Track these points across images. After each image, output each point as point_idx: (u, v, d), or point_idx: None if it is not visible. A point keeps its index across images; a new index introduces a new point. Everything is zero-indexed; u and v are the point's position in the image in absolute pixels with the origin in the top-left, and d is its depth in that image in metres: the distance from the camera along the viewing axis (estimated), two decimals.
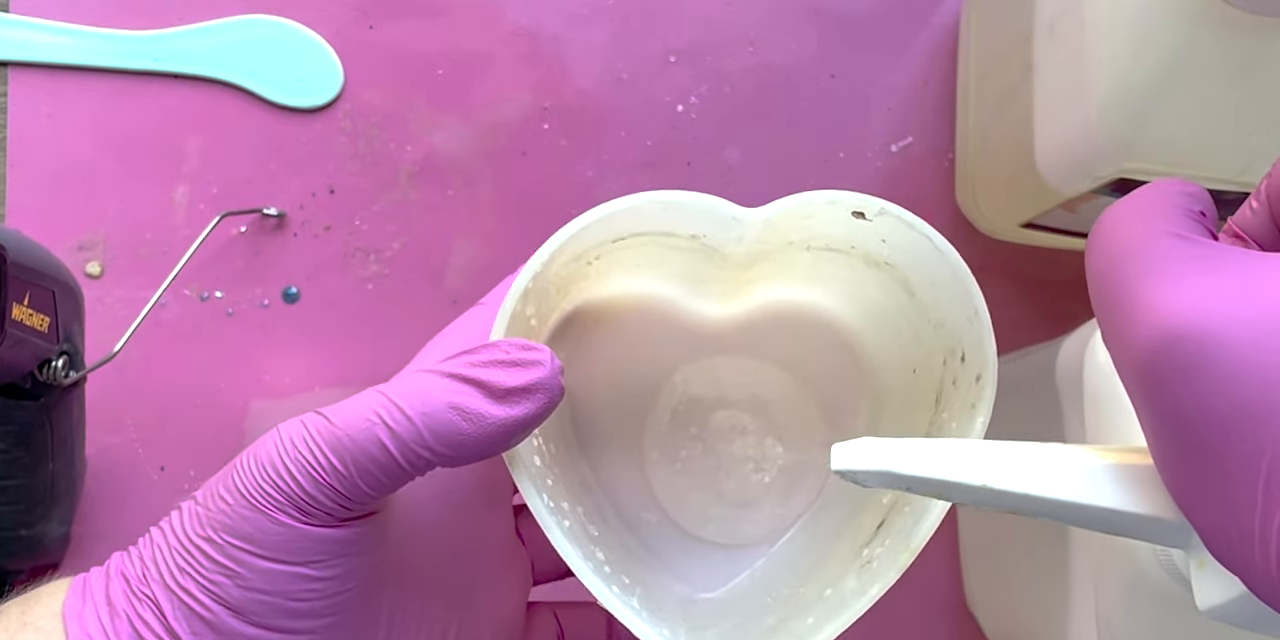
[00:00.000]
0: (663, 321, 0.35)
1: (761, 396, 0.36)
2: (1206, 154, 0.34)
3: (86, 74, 0.50)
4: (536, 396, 0.27)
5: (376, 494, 0.28)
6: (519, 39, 0.50)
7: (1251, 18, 0.30)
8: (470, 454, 0.28)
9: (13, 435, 0.42)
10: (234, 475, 0.28)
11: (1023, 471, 0.23)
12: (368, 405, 0.28)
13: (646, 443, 0.36)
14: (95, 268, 0.49)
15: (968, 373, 0.31)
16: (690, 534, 0.36)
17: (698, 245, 0.32)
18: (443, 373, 0.28)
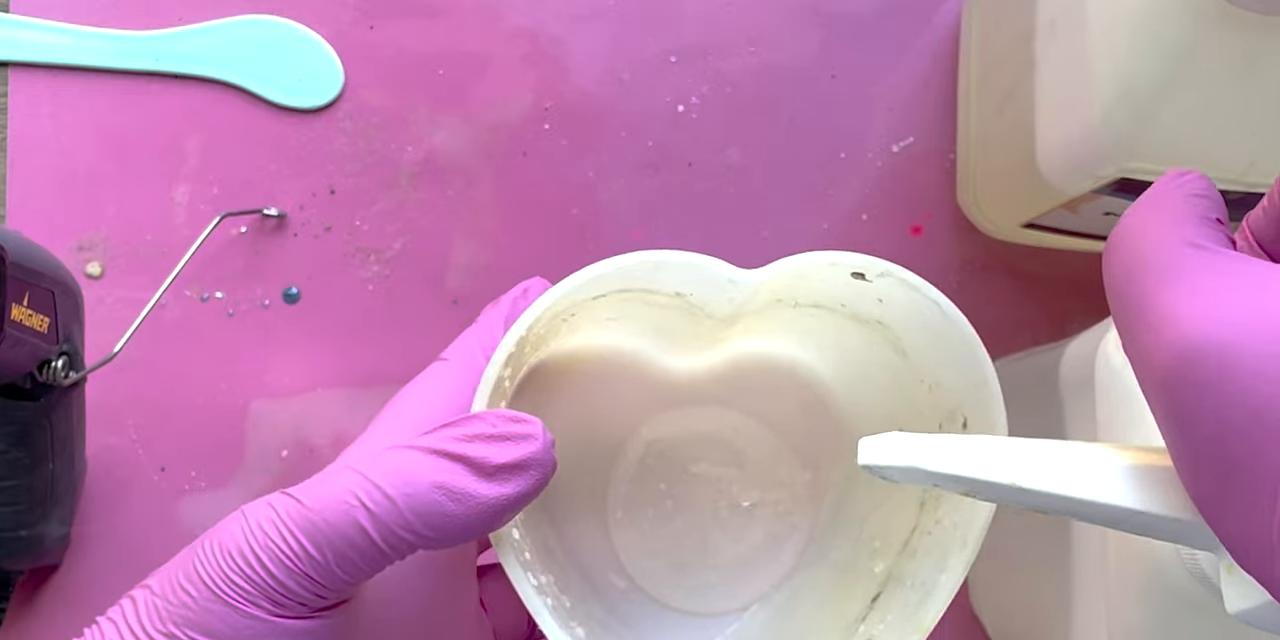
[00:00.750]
0: (629, 373, 0.34)
1: (735, 447, 0.34)
2: (1209, 153, 0.34)
3: (87, 74, 0.50)
4: (529, 473, 0.26)
5: (354, 581, 0.26)
6: (519, 39, 0.50)
7: (1255, 16, 0.30)
8: (456, 536, 0.26)
9: (13, 436, 0.42)
10: (196, 563, 0.26)
11: (1054, 471, 0.23)
12: (343, 486, 0.26)
13: (611, 501, 0.34)
14: (95, 268, 0.49)
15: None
16: (658, 602, 0.34)
17: (680, 303, 0.31)
18: (425, 448, 0.26)
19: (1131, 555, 0.33)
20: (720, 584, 0.34)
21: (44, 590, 0.48)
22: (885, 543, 0.33)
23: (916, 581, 0.30)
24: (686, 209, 0.50)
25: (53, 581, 0.48)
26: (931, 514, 0.31)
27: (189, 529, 0.48)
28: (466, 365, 0.30)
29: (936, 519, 0.31)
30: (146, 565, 0.48)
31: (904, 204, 0.50)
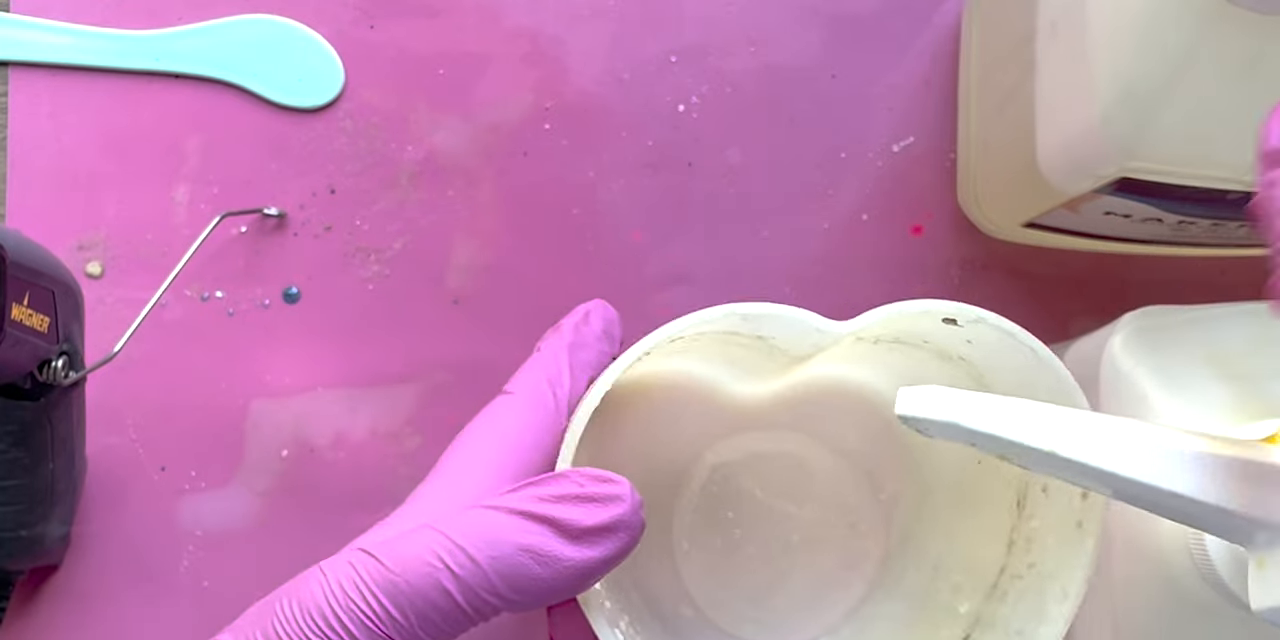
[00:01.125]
0: (695, 398, 0.33)
1: (802, 470, 0.34)
2: (1210, 153, 0.34)
3: (87, 74, 0.50)
4: (618, 536, 0.25)
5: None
6: (519, 39, 0.50)
7: (1256, 16, 0.30)
8: (543, 600, 0.25)
9: (12, 435, 0.42)
10: (275, 623, 0.25)
11: (1096, 443, 0.22)
12: (427, 546, 0.25)
13: (677, 531, 0.34)
14: (95, 268, 0.49)
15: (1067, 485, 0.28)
16: (727, 633, 0.33)
17: (761, 344, 0.30)
18: (510, 509, 0.25)
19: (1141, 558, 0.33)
20: (790, 614, 0.34)
21: (44, 590, 0.48)
22: (968, 580, 0.32)
23: (1012, 629, 0.29)
24: (686, 209, 0.49)
25: (53, 581, 0.48)
26: (1022, 556, 0.30)
27: (189, 529, 0.48)
28: (534, 399, 0.29)
29: (1029, 563, 0.30)
30: (146, 565, 0.48)
31: (904, 204, 0.50)
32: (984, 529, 0.31)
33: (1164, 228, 0.39)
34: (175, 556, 0.48)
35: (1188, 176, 0.34)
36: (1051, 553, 0.29)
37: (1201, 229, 0.39)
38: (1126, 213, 0.38)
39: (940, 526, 0.33)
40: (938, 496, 0.33)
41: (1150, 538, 0.33)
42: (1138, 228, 0.40)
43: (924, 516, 0.33)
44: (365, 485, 0.48)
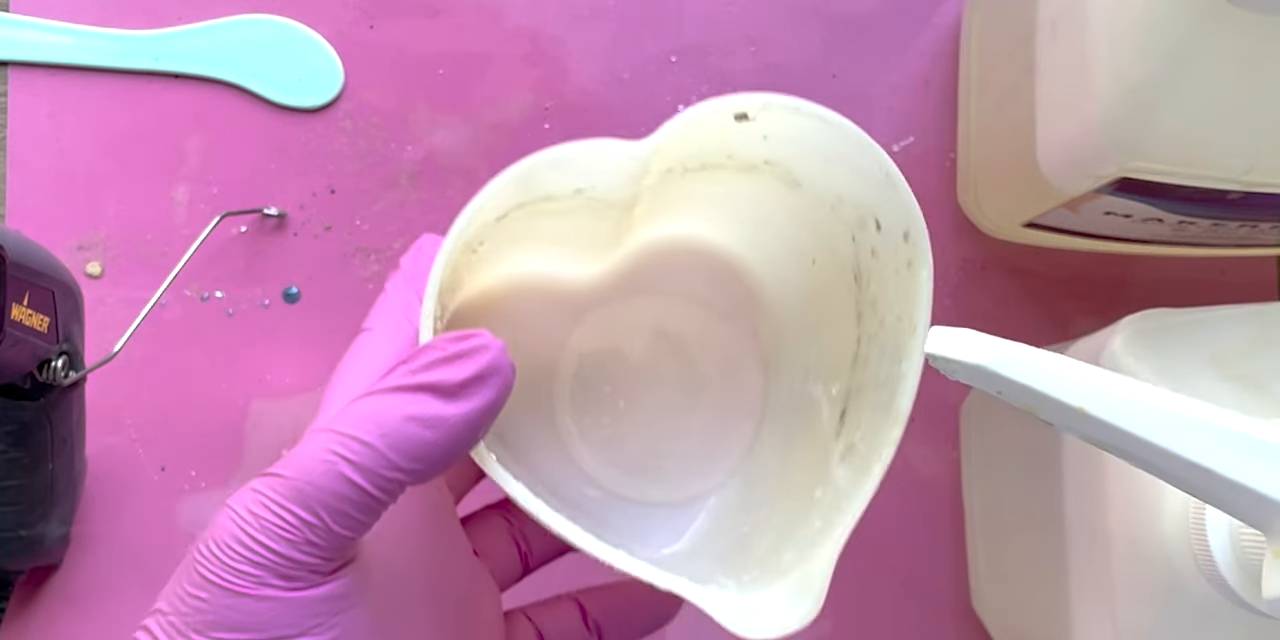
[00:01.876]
0: (544, 293, 0.34)
1: (666, 329, 0.35)
2: (1210, 153, 0.34)
3: (87, 74, 0.50)
4: (492, 381, 0.26)
5: (354, 535, 0.27)
6: (519, 39, 0.50)
7: (1256, 16, 0.30)
8: (440, 461, 0.26)
9: (12, 435, 0.42)
10: (197, 568, 0.26)
11: (1127, 406, 0.22)
12: (320, 446, 0.26)
13: (561, 419, 0.35)
14: (95, 268, 0.49)
15: (889, 237, 0.30)
16: (635, 501, 0.35)
17: (581, 201, 0.31)
18: (386, 389, 0.26)
19: (1141, 557, 0.33)
20: (692, 466, 0.35)
21: (44, 590, 0.48)
22: (833, 366, 0.33)
23: (879, 382, 0.30)
24: None
25: (53, 581, 0.48)
26: (871, 319, 0.32)
27: (189, 529, 0.48)
28: (391, 329, 0.31)
29: (879, 320, 0.31)
30: (146, 565, 0.48)
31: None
32: (834, 316, 0.32)
33: (1164, 228, 0.39)
34: (175, 557, 0.48)
35: (1188, 176, 0.34)
36: (894, 302, 0.30)
37: (1202, 229, 0.39)
38: (1127, 213, 0.38)
39: (800, 337, 0.34)
40: (790, 312, 0.34)
41: (1151, 537, 0.33)
42: (1138, 228, 0.40)
43: (784, 334, 0.35)
44: None
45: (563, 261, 0.34)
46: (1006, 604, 0.46)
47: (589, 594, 0.36)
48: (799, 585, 0.30)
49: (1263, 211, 0.37)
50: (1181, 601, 0.32)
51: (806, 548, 0.30)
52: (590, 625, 0.35)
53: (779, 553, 0.31)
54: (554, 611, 0.35)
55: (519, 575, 0.36)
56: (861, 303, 0.32)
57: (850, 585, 0.49)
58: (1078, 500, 0.37)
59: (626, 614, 0.36)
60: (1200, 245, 0.42)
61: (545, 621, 0.35)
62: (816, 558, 0.30)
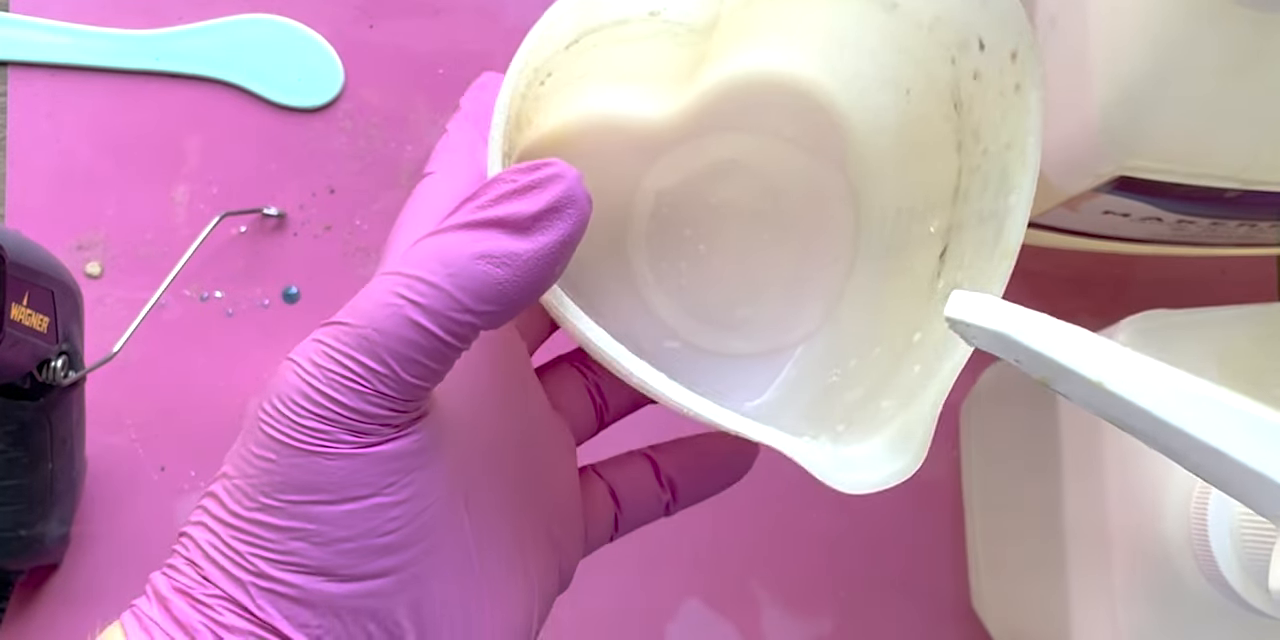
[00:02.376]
0: (619, 132, 0.32)
1: (746, 166, 0.32)
2: (1209, 151, 0.34)
3: (87, 74, 0.50)
4: (568, 213, 0.24)
5: (427, 384, 0.24)
6: (519, 39, 0.50)
7: (1253, 14, 0.30)
8: (515, 301, 0.24)
9: (12, 435, 0.42)
10: (263, 427, 0.24)
11: (1147, 383, 0.22)
12: (384, 289, 0.24)
13: (638, 266, 0.32)
14: (95, 268, 0.49)
15: (994, 57, 0.27)
16: (718, 353, 0.33)
17: (656, 24, 0.29)
18: (453, 227, 0.24)
19: (1142, 557, 0.33)
20: (778, 315, 0.33)
21: (44, 590, 0.48)
22: (931, 202, 0.31)
23: (983, 216, 0.28)
24: None
25: (53, 581, 0.48)
26: (973, 150, 0.29)
27: None
28: (456, 171, 0.29)
29: (981, 150, 0.29)
30: (146, 565, 0.48)
31: None
32: (932, 148, 0.30)
33: (1163, 227, 0.39)
34: None
35: (1186, 174, 0.34)
36: (1000, 128, 0.28)
37: (1201, 228, 0.39)
38: (1125, 212, 0.38)
39: (894, 172, 0.32)
40: (882, 146, 0.32)
41: (1152, 537, 0.33)
42: (1137, 227, 0.40)
43: (876, 170, 0.32)
44: None
45: (638, 97, 0.31)
46: (1006, 604, 0.45)
47: (661, 450, 0.34)
48: (899, 436, 0.28)
49: (1261, 210, 0.37)
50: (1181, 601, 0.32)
51: (906, 395, 0.28)
52: (663, 481, 0.33)
53: (875, 401, 0.29)
54: (626, 468, 0.33)
55: (594, 430, 0.34)
56: (963, 132, 0.29)
57: (850, 585, 0.49)
58: (1078, 500, 0.37)
59: (700, 470, 0.34)
60: (1200, 245, 0.42)
61: (617, 478, 0.33)
62: (918, 405, 0.27)
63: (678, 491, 0.33)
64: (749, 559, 0.49)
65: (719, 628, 0.49)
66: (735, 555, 0.49)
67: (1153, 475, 0.33)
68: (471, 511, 0.27)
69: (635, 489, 0.33)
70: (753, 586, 0.49)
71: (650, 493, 0.33)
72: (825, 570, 0.49)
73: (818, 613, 0.49)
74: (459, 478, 0.27)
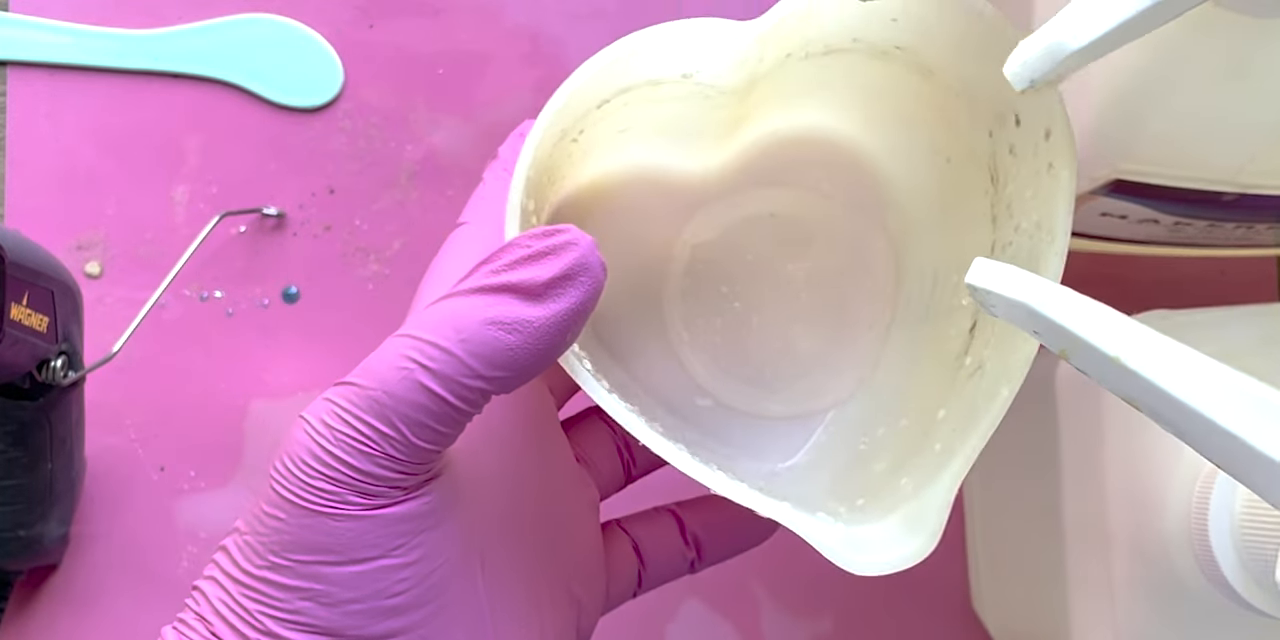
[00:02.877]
0: (656, 187, 0.32)
1: (782, 222, 0.32)
2: (1202, 155, 0.34)
3: (86, 73, 0.50)
4: (580, 280, 0.24)
5: (437, 448, 0.25)
6: (519, 39, 0.50)
7: (1244, 19, 0.30)
8: (526, 368, 0.24)
9: (11, 435, 0.42)
10: (274, 485, 0.25)
11: (1168, 362, 0.22)
12: (394, 352, 0.24)
13: (672, 323, 0.32)
14: (95, 268, 0.49)
15: (1029, 134, 0.27)
16: (749, 413, 0.32)
17: (690, 86, 0.29)
18: (465, 291, 0.24)
19: (1142, 556, 0.33)
20: (814, 377, 0.32)
21: (43, 590, 0.48)
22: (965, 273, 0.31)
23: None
24: None
25: (52, 581, 0.48)
26: (1007, 224, 0.29)
27: (188, 528, 0.48)
28: (487, 222, 0.29)
29: (1014, 226, 0.29)
30: (146, 565, 0.48)
31: None
32: (969, 219, 0.30)
33: (1160, 229, 0.39)
34: (175, 557, 0.48)
35: (1181, 178, 0.34)
36: (1030, 207, 0.28)
37: (1198, 230, 0.39)
38: (1122, 214, 0.38)
39: (931, 239, 0.32)
40: (922, 212, 0.32)
41: (1152, 537, 0.33)
42: (1134, 229, 0.40)
43: (915, 235, 0.32)
44: None
45: (675, 153, 0.31)
46: (1006, 604, 0.46)
47: (688, 507, 0.34)
48: (912, 518, 0.27)
49: (1258, 213, 0.37)
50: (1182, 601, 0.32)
51: (925, 475, 0.28)
52: (688, 539, 0.33)
53: (895, 477, 0.29)
54: (651, 525, 0.33)
55: (621, 484, 0.33)
56: (997, 205, 0.29)
57: (850, 585, 0.49)
58: (1078, 500, 0.37)
59: (725, 530, 0.33)
60: (1197, 246, 0.42)
61: (642, 535, 0.33)
62: (934, 487, 0.27)
63: (702, 549, 0.33)
64: (749, 559, 0.49)
65: (719, 628, 0.49)
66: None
67: (1153, 475, 0.33)
68: (486, 571, 0.27)
69: (660, 545, 0.33)
70: (753, 586, 0.49)
71: (675, 550, 0.33)
72: (825, 570, 0.49)
73: (818, 613, 0.49)
74: (473, 538, 0.27)
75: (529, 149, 0.27)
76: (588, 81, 0.27)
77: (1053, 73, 0.24)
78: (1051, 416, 0.38)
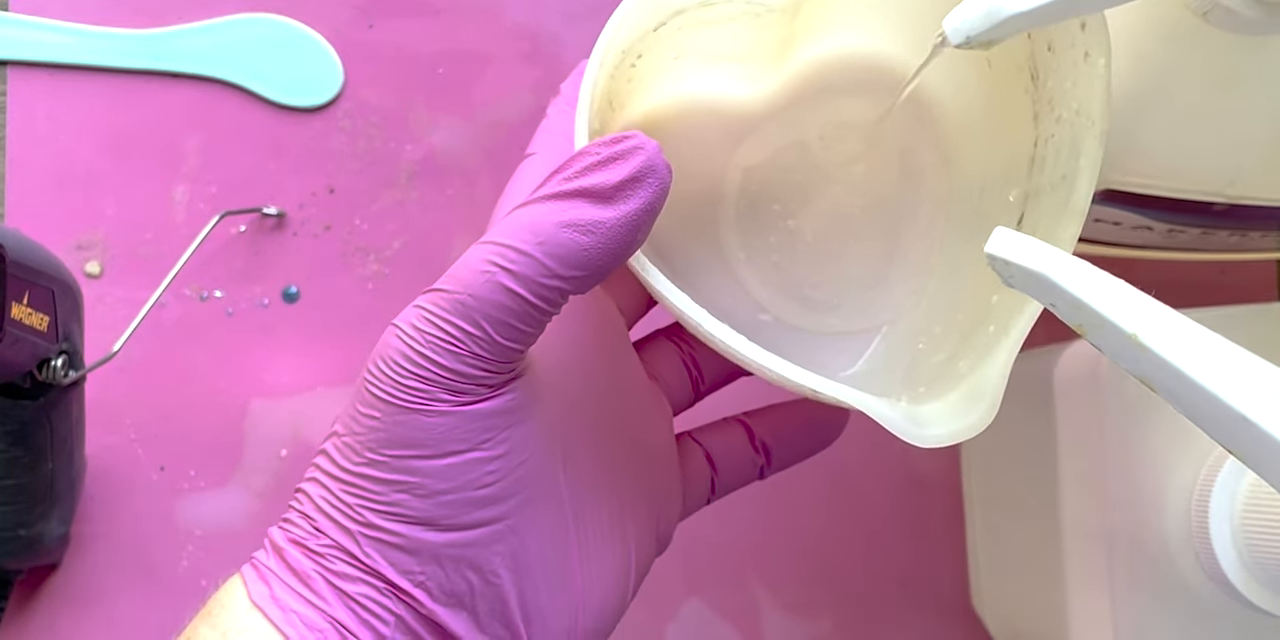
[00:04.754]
0: (711, 114, 0.33)
1: (833, 142, 0.33)
2: (1193, 167, 0.34)
3: (86, 73, 0.50)
4: (648, 182, 0.26)
5: (521, 346, 0.26)
6: (519, 38, 0.50)
7: (1230, 35, 0.30)
8: (601, 266, 0.26)
9: (12, 435, 0.42)
10: (368, 387, 0.27)
11: (1185, 342, 0.21)
12: (477, 257, 0.26)
13: (728, 243, 0.34)
14: (95, 267, 0.49)
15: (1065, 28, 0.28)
16: (807, 330, 0.33)
17: (740, 6, 0.30)
18: (540, 198, 0.26)
19: (1143, 556, 0.33)
20: (869, 291, 0.33)
21: (44, 589, 0.48)
22: (1011, 172, 0.31)
23: (1056, 181, 0.29)
24: None
25: (52, 581, 0.48)
26: (1048, 117, 0.30)
27: (188, 528, 0.48)
28: (553, 151, 0.31)
29: (1055, 118, 0.30)
30: (146, 564, 0.48)
31: None
32: (1012, 120, 0.31)
33: (1155, 235, 0.39)
34: (175, 556, 0.48)
35: (1171, 189, 0.34)
36: (1071, 96, 0.29)
37: (1191, 236, 0.39)
38: (1116, 221, 0.38)
39: (977, 145, 0.33)
40: (967, 120, 0.33)
41: (1152, 535, 0.33)
42: (1129, 235, 0.40)
43: (961, 144, 0.33)
44: None
45: (729, 78, 0.33)
46: (1006, 603, 0.46)
47: (755, 416, 0.35)
48: (972, 391, 0.29)
49: (1249, 222, 0.37)
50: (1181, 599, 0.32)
51: (980, 354, 0.29)
52: (757, 446, 0.35)
53: (954, 362, 0.30)
54: (721, 434, 0.35)
55: (690, 400, 0.35)
56: (1039, 102, 0.30)
57: (850, 585, 0.49)
58: (1077, 498, 0.37)
59: (792, 434, 0.35)
60: (1192, 251, 0.42)
61: (713, 443, 0.35)
62: (991, 361, 0.28)
63: (771, 455, 0.35)
64: (749, 559, 0.49)
65: (719, 628, 0.49)
66: (735, 555, 0.49)
67: (1153, 473, 0.34)
68: (568, 469, 0.29)
69: (731, 453, 0.35)
70: (753, 586, 0.49)
71: (745, 457, 0.35)
72: (825, 570, 0.49)
73: (818, 613, 0.49)
74: (555, 436, 0.29)
75: (593, 68, 0.28)
76: (640, 3, 0.28)
77: (990, 33, 0.24)
78: (1050, 416, 0.38)
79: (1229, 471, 0.32)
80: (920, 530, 0.49)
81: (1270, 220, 0.37)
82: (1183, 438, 0.33)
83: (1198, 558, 0.31)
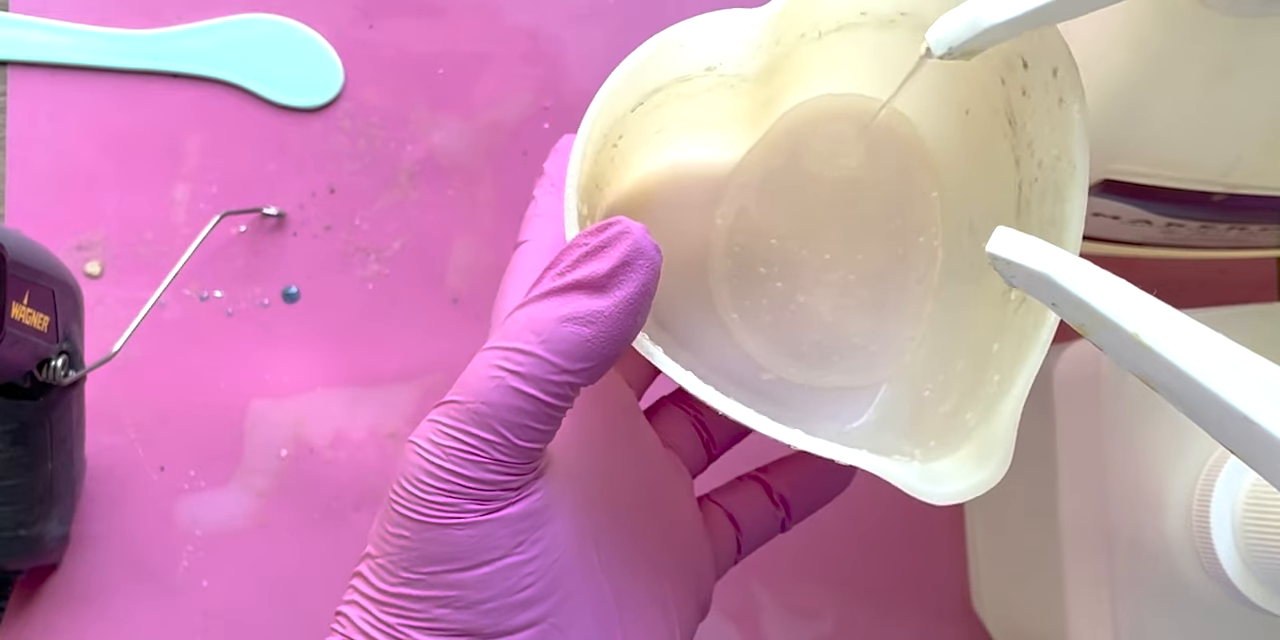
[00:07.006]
0: (697, 180, 0.33)
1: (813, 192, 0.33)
2: (1191, 155, 0.34)
3: (86, 73, 0.50)
4: (638, 265, 0.26)
5: (539, 445, 0.27)
6: (519, 39, 0.50)
7: (1228, 19, 0.30)
8: (606, 355, 0.26)
9: (12, 435, 0.42)
10: (394, 507, 0.27)
11: (1184, 340, 0.21)
12: (484, 364, 0.26)
13: (721, 306, 0.34)
14: (95, 267, 0.49)
15: (1038, 74, 0.29)
16: (807, 386, 0.34)
17: (715, 78, 0.31)
18: (536, 297, 0.26)
19: (1143, 555, 0.33)
20: (868, 344, 0.34)
21: (44, 590, 0.48)
22: (999, 217, 0.32)
23: (1044, 226, 0.29)
24: None
25: (52, 581, 0.48)
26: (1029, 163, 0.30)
27: (188, 528, 0.48)
28: (543, 236, 0.31)
29: (1037, 162, 0.30)
30: (146, 565, 0.48)
31: None
32: (994, 165, 0.31)
33: (1153, 230, 0.39)
34: (175, 556, 0.48)
35: (1170, 178, 0.34)
36: (1050, 141, 0.29)
37: (1190, 231, 0.39)
38: (1115, 214, 0.38)
39: (962, 188, 0.33)
40: (950, 167, 0.33)
41: (1153, 535, 0.33)
42: (1127, 230, 0.40)
43: (947, 191, 0.33)
44: (364, 485, 0.48)
45: (711, 145, 0.33)
46: (1006, 604, 0.46)
47: (770, 470, 0.36)
48: (982, 447, 0.29)
49: (1248, 213, 0.37)
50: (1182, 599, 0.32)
51: (986, 407, 0.29)
52: (776, 500, 0.35)
53: (960, 414, 0.30)
54: (740, 493, 0.35)
55: (705, 462, 0.35)
56: (1018, 147, 0.31)
57: (850, 585, 0.49)
58: (1077, 499, 0.37)
59: (809, 484, 0.36)
60: (1192, 248, 0.42)
61: (733, 504, 0.35)
62: (997, 415, 0.29)
63: (791, 507, 0.35)
64: (749, 559, 0.49)
65: (720, 628, 0.49)
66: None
67: (1153, 473, 0.34)
68: (602, 555, 0.29)
69: (752, 511, 0.35)
70: (753, 586, 0.49)
71: (766, 512, 0.35)
72: (825, 570, 0.49)
73: (818, 613, 0.49)
74: (585, 525, 0.29)
75: (576, 158, 0.28)
76: (619, 86, 0.29)
77: (971, 43, 0.24)
78: (1050, 416, 0.38)
79: (1230, 471, 0.32)
80: (920, 530, 0.49)
81: (1269, 211, 0.37)
82: (1183, 438, 0.33)
83: (1199, 557, 0.31)
